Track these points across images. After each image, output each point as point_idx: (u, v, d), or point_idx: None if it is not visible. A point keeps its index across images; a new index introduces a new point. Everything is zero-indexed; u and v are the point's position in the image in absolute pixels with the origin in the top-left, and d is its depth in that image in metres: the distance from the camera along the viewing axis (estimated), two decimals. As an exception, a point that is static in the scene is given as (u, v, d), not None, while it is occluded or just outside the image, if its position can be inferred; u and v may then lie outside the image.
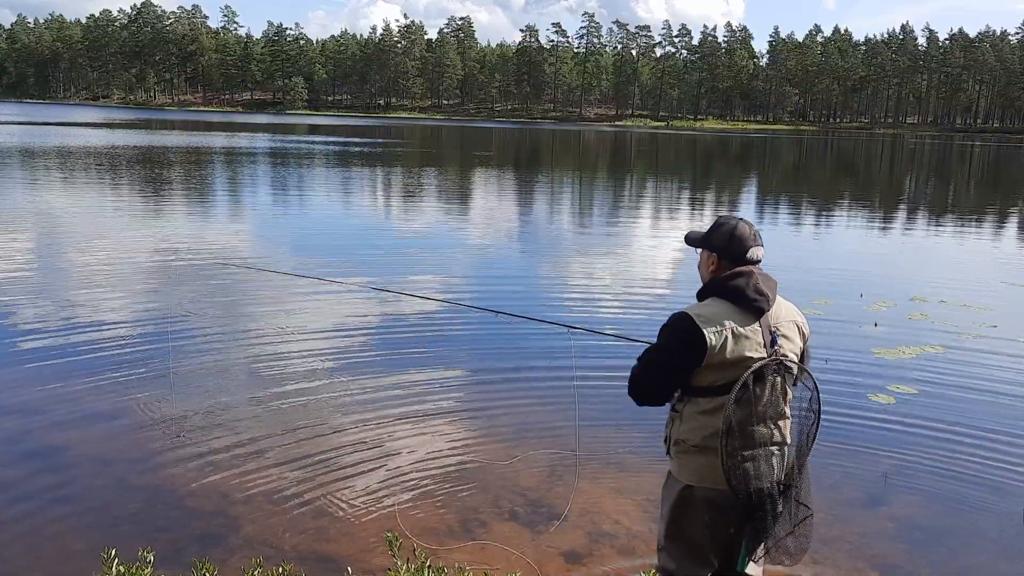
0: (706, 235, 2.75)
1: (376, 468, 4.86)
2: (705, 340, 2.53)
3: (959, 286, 10.89)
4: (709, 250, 2.73)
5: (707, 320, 2.56)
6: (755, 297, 2.59)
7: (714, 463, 2.55)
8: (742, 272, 2.63)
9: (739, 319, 2.58)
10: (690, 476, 2.65)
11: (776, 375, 2.57)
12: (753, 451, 2.57)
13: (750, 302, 2.59)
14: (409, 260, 12.04)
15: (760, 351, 2.57)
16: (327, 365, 6.77)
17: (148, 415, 5.54)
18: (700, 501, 2.64)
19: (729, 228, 2.70)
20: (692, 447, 2.62)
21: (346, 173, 28.07)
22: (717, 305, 2.62)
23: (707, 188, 28.95)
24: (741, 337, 2.56)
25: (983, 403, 6.26)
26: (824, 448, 5.34)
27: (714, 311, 2.60)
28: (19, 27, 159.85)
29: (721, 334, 2.54)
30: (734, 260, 2.67)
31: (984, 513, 4.54)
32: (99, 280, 9.75)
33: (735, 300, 2.60)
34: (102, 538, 3.84)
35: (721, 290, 2.64)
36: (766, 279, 2.67)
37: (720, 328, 2.55)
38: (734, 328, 2.56)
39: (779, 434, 2.63)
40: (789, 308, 2.77)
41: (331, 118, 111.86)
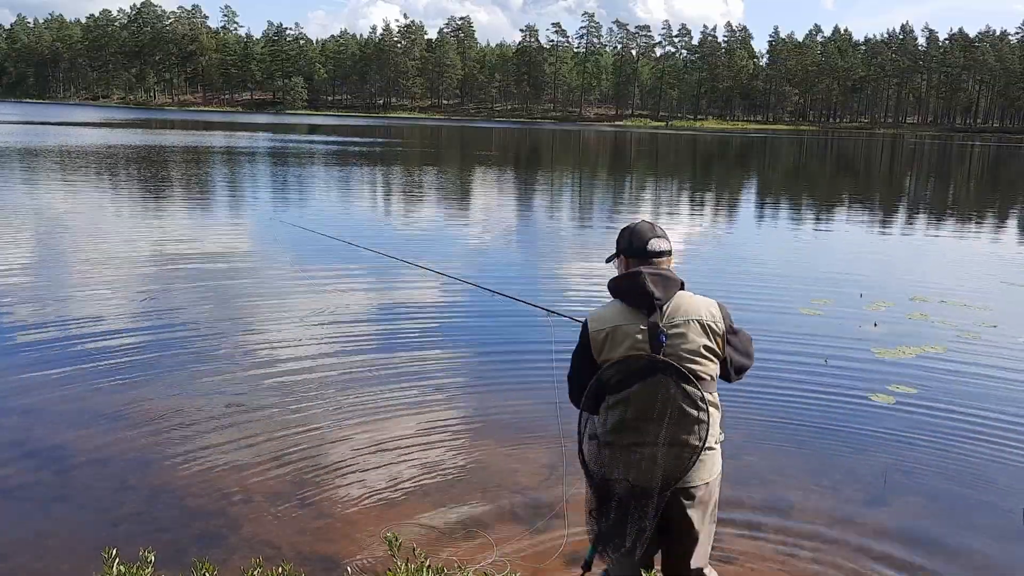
0: (616, 245, 2.91)
1: (376, 467, 4.86)
2: (591, 339, 2.72)
3: (959, 286, 10.89)
4: (618, 255, 2.88)
5: (596, 321, 2.74)
6: (640, 296, 2.69)
7: (602, 455, 2.71)
8: (631, 273, 2.75)
9: (627, 318, 2.70)
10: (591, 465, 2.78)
11: (654, 374, 2.62)
12: (630, 448, 2.65)
13: (636, 301, 2.70)
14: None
15: (641, 348, 2.66)
16: (326, 363, 6.76)
17: (148, 415, 5.53)
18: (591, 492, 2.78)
19: (628, 229, 2.87)
20: (602, 442, 2.75)
21: (346, 171, 28.06)
22: (611, 306, 2.77)
23: (707, 188, 28.95)
24: (621, 335, 2.68)
25: (983, 403, 6.26)
26: (824, 448, 5.36)
27: (605, 312, 2.76)
28: (19, 27, 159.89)
29: (601, 333, 2.70)
30: (637, 255, 2.80)
31: (984, 513, 4.54)
32: (98, 279, 9.75)
33: (623, 300, 2.74)
34: (102, 538, 3.84)
35: (614, 291, 2.79)
36: (661, 278, 2.72)
37: (603, 328, 2.70)
38: (617, 326, 2.69)
39: (656, 432, 2.63)
40: (697, 304, 2.78)
41: (331, 118, 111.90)
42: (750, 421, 5.77)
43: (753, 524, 4.33)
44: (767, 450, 5.29)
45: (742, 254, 13.91)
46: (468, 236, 14.89)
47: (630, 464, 2.66)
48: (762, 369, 6.92)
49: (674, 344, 2.67)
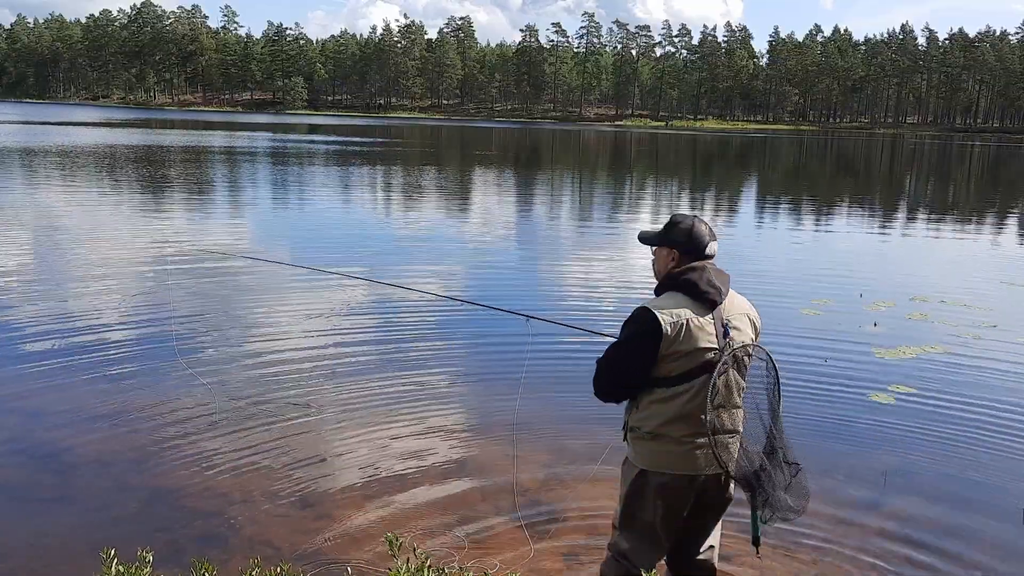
0: (663, 233, 2.90)
1: (376, 468, 4.86)
2: (662, 330, 2.67)
3: (959, 286, 10.89)
4: (669, 247, 2.87)
5: (667, 313, 2.70)
6: (708, 290, 2.73)
7: (666, 449, 2.72)
8: (695, 267, 2.78)
9: (694, 311, 2.72)
10: (644, 461, 2.80)
11: (731, 367, 2.72)
12: (722, 437, 2.72)
13: (703, 295, 2.73)
14: (400, 253, 12.05)
15: (713, 342, 2.72)
16: (324, 363, 6.76)
17: (148, 415, 5.53)
18: (653, 485, 2.78)
19: (687, 225, 2.85)
20: (646, 434, 2.76)
21: (346, 171, 28.06)
22: (674, 298, 2.76)
23: (707, 188, 28.94)
24: (695, 328, 2.70)
25: (983, 403, 6.26)
26: (824, 448, 5.36)
27: (670, 303, 2.74)
28: (19, 27, 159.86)
29: (677, 325, 2.68)
30: (693, 255, 2.82)
31: (984, 513, 4.54)
32: (98, 279, 9.75)
33: (690, 293, 2.74)
34: (102, 538, 3.83)
35: (677, 284, 2.78)
36: (719, 273, 2.81)
37: (676, 319, 2.69)
38: (689, 319, 2.70)
39: (731, 423, 2.77)
40: (742, 302, 2.89)
41: (331, 118, 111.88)
42: (750, 421, 5.77)
43: (753, 524, 4.32)
44: (767, 450, 5.28)
45: (742, 254, 13.91)
46: (458, 241, 14.88)
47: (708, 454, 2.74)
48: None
49: (736, 338, 2.77)
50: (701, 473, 2.77)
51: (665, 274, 2.86)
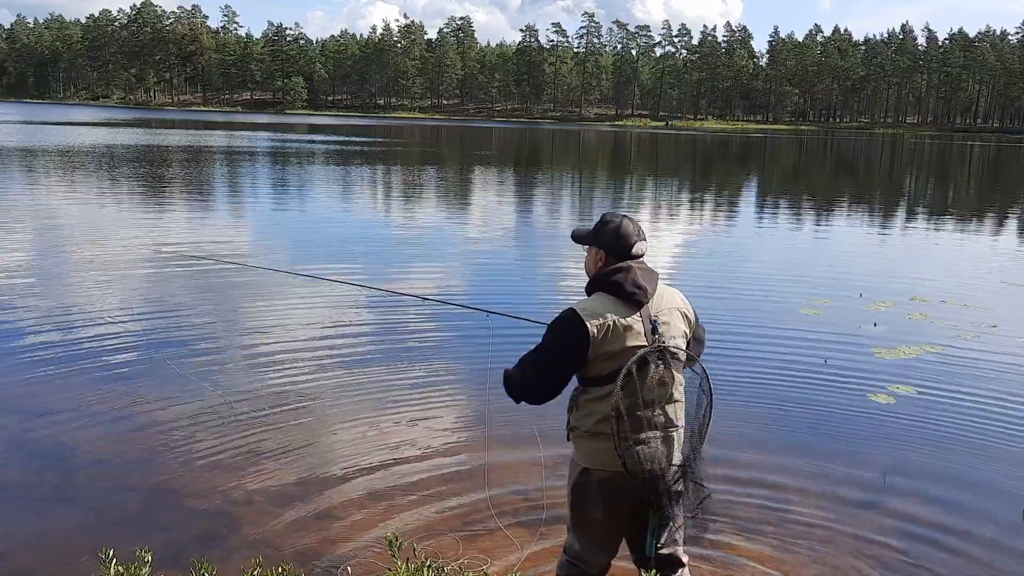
0: (594, 233, 2.93)
1: (376, 467, 4.86)
2: (588, 332, 2.70)
3: (959, 286, 10.89)
4: (597, 247, 2.90)
5: (591, 313, 2.74)
6: (633, 290, 2.77)
7: (605, 447, 2.73)
8: (621, 268, 2.82)
9: (620, 311, 2.76)
10: (585, 459, 2.84)
11: (659, 361, 2.73)
12: (644, 435, 2.73)
13: (629, 295, 2.77)
14: (397, 256, 12.06)
15: (641, 340, 2.75)
16: (324, 363, 6.76)
17: (148, 415, 5.53)
18: (595, 483, 2.82)
19: (615, 226, 2.89)
20: (585, 432, 2.80)
21: (337, 170, 28.07)
22: (600, 299, 2.80)
23: (707, 188, 28.94)
24: (622, 328, 2.73)
25: (983, 403, 6.26)
26: (824, 448, 5.36)
27: (597, 305, 2.78)
28: (18, 27, 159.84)
29: (603, 326, 2.72)
30: (619, 256, 2.86)
31: (984, 513, 4.54)
32: (97, 279, 9.75)
33: (616, 294, 2.78)
34: (102, 538, 3.83)
35: (603, 285, 2.82)
36: (646, 272, 2.85)
37: (602, 321, 2.72)
38: (616, 320, 2.73)
39: (666, 417, 2.80)
40: (672, 295, 2.93)
41: (331, 118, 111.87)
42: (749, 421, 5.77)
43: (752, 524, 4.33)
44: (767, 450, 5.29)
45: (742, 254, 13.92)
46: (458, 237, 14.88)
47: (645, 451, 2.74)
48: (762, 369, 6.94)
49: (665, 334, 2.80)
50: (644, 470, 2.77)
51: (593, 275, 2.90)
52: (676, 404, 2.83)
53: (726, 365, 6.99)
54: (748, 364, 7.02)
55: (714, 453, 5.18)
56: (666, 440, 2.79)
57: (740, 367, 6.93)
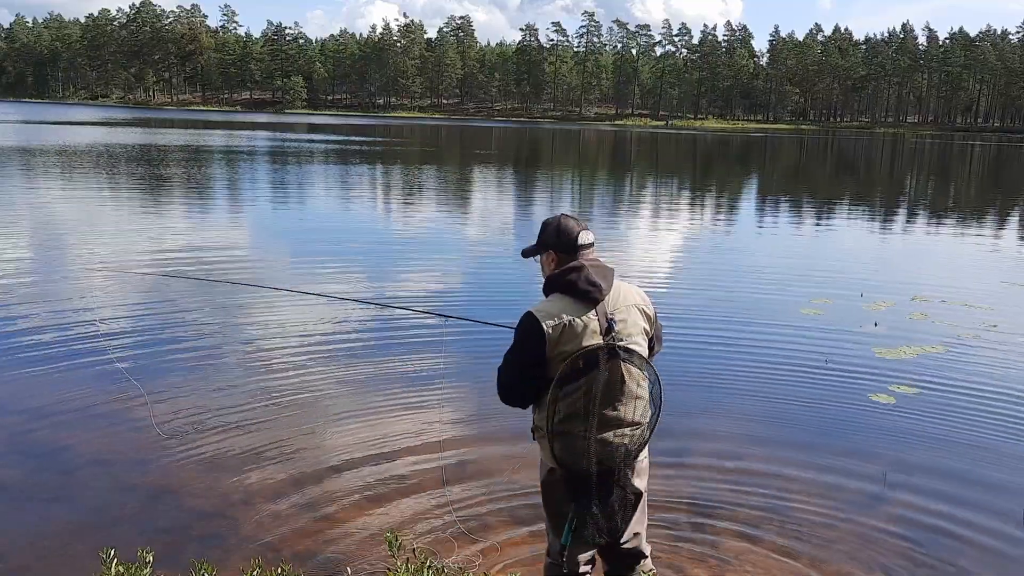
0: (538, 239, 2.97)
1: (377, 468, 4.86)
2: (544, 332, 2.72)
3: (960, 286, 10.88)
4: (544, 250, 2.94)
5: (546, 314, 2.76)
6: (587, 288, 2.78)
7: (568, 444, 2.76)
8: (573, 267, 2.83)
9: (575, 310, 2.77)
10: (550, 459, 2.85)
11: (613, 359, 2.73)
12: (601, 433, 2.75)
13: (584, 293, 2.78)
14: (402, 268, 12.06)
15: (597, 338, 2.75)
16: (323, 364, 6.77)
17: (148, 416, 5.52)
18: (560, 481, 2.86)
19: (554, 224, 2.93)
20: (547, 432, 2.80)
21: (345, 169, 28.07)
22: (556, 300, 2.81)
23: (707, 188, 28.94)
24: (577, 327, 2.74)
25: (983, 403, 6.25)
26: (824, 448, 5.35)
27: (552, 305, 2.79)
28: (18, 27, 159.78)
29: (558, 326, 2.73)
30: (568, 250, 2.88)
31: (983, 513, 4.53)
32: (97, 281, 9.75)
33: (570, 293, 2.79)
34: (102, 538, 3.83)
35: (557, 286, 2.84)
36: (600, 269, 2.85)
37: (558, 321, 2.74)
38: (571, 319, 2.74)
39: (622, 414, 2.79)
40: (629, 292, 2.93)
41: (330, 117, 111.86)
42: (750, 421, 5.77)
43: (753, 525, 4.33)
44: (767, 450, 5.29)
45: (742, 254, 13.91)
46: (458, 241, 14.86)
47: (600, 449, 2.77)
48: (763, 368, 6.94)
49: (621, 331, 2.81)
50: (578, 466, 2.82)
51: (547, 277, 2.91)
52: (637, 401, 2.81)
53: (727, 365, 6.99)
54: (748, 363, 7.02)
55: (715, 452, 5.21)
56: (622, 437, 2.80)
57: (741, 366, 6.93)
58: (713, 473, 4.91)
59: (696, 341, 7.81)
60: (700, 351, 7.45)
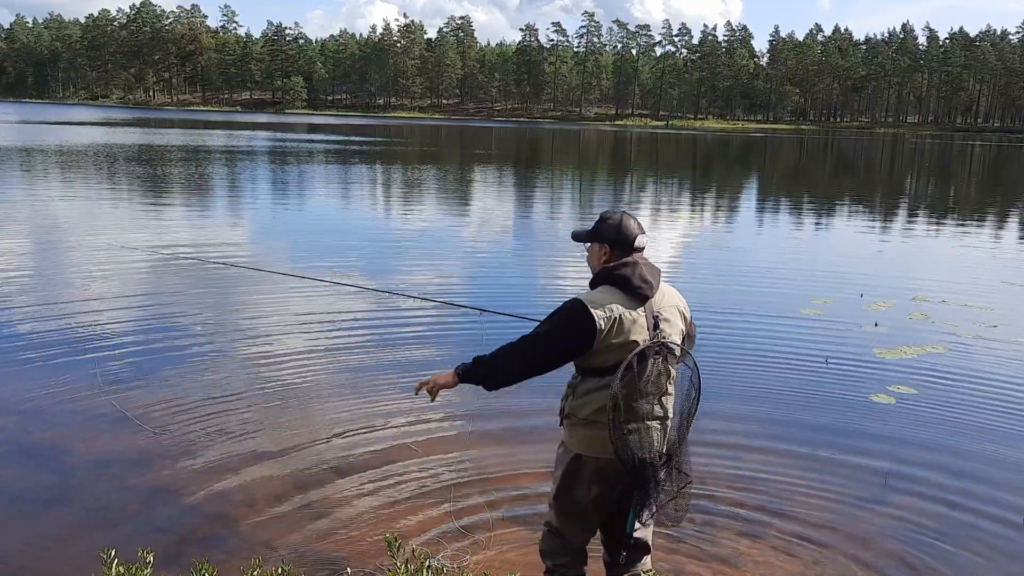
0: (595, 229, 3.01)
1: (377, 468, 4.85)
2: (595, 324, 2.76)
3: (960, 286, 10.88)
4: (600, 242, 2.98)
5: (598, 305, 2.80)
6: (640, 285, 2.85)
7: (600, 435, 2.80)
8: (628, 262, 2.90)
9: (626, 304, 2.83)
10: (579, 446, 2.92)
11: (657, 356, 2.82)
12: (637, 424, 2.82)
13: (636, 289, 2.84)
14: (392, 254, 12.05)
15: (644, 334, 2.83)
16: (324, 363, 6.77)
17: (148, 416, 5.53)
18: (587, 469, 2.92)
19: (616, 220, 2.97)
20: (581, 420, 2.87)
21: (333, 168, 28.07)
22: (607, 292, 2.86)
23: (708, 188, 28.94)
24: (628, 321, 2.81)
25: (983, 403, 6.25)
26: (824, 448, 5.35)
27: (604, 297, 2.84)
28: (18, 27, 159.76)
29: (610, 319, 2.78)
30: (624, 249, 2.94)
31: (984, 513, 4.53)
32: (97, 281, 9.75)
33: (623, 288, 2.85)
34: (102, 538, 3.84)
35: (610, 279, 2.88)
36: (650, 268, 2.93)
37: (610, 314, 2.79)
38: (622, 313, 2.80)
39: (660, 409, 2.89)
40: (672, 294, 3.03)
41: (330, 118, 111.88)
42: (750, 420, 5.77)
43: (753, 524, 4.33)
44: (767, 450, 5.29)
45: (743, 254, 13.91)
46: (438, 240, 14.86)
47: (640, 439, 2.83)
48: (763, 368, 6.94)
49: (666, 330, 2.89)
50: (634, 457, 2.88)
51: (599, 269, 2.96)
52: (669, 397, 2.93)
53: (726, 365, 6.99)
54: (749, 363, 7.02)
55: (715, 452, 5.21)
56: (659, 430, 2.90)
57: (740, 366, 6.93)
58: (713, 473, 4.90)
59: (696, 341, 7.82)
60: (700, 351, 7.41)
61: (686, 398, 2.94)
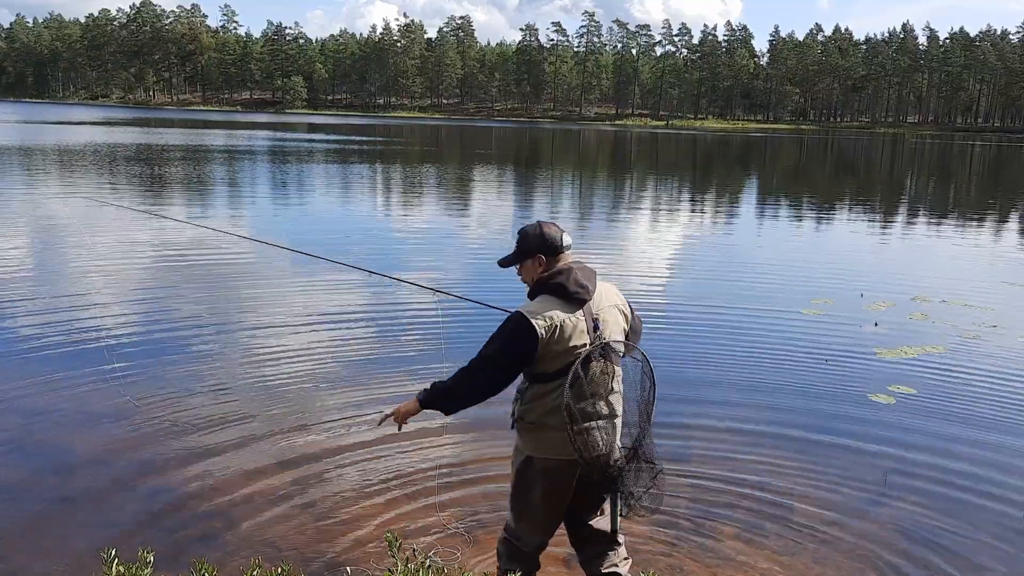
0: (520, 248, 3.07)
1: (376, 468, 4.86)
2: (536, 333, 2.84)
3: (960, 286, 10.88)
4: (530, 257, 3.05)
5: (537, 315, 2.88)
6: (576, 290, 2.93)
7: (548, 436, 2.93)
8: (562, 270, 2.98)
9: (565, 310, 2.91)
10: (529, 448, 3.02)
11: (601, 357, 2.91)
12: (588, 424, 2.90)
13: (572, 295, 2.92)
14: (396, 248, 12.06)
15: (585, 337, 2.91)
16: (325, 363, 6.76)
17: (148, 415, 5.53)
18: (538, 470, 3.01)
19: (536, 231, 3.05)
20: (529, 423, 2.98)
21: (334, 167, 28.07)
22: (545, 301, 2.94)
23: (708, 188, 28.93)
24: (568, 327, 2.89)
25: (983, 403, 6.26)
26: (824, 448, 5.35)
27: (542, 306, 2.92)
28: (18, 27, 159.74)
29: (551, 327, 2.87)
30: (554, 252, 3.01)
31: (984, 513, 4.53)
32: (96, 280, 9.75)
33: (559, 295, 2.93)
34: (102, 538, 3.84)
35: (546, 288, 2.96)
36: (585, 271, 3.00)
37: (549, 322, 2.87)
38: (563, 320, 2.88)
39: (607, 407, 2.97)
40: (610, 292, 3.10)
41: (331, 117, 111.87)
42: (750, 420, 5.77)
43: (753, 524, 4.33)
44: (767, 450, 5.29)
45: (743, 254, 13.92)
46: (456, 234, 14.86)
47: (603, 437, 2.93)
48: (763, 368, 6.94)
49: (606, 331, 2.97)
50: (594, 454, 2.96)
51: (536, 280, 3.03)
52: (616, 394, 3.00)
53: (726, 364, 6.99)
54: (748, 363, 7.02)
55: (714, 452, 5.21)
56: (610, 428, 2.97)
57: (740, 366, 6.93)
58: (713, 473, 4.91)
59: (696, 341, 7.83)
60: (700, 351, 7.45)
61: (641, 389, 3.00)
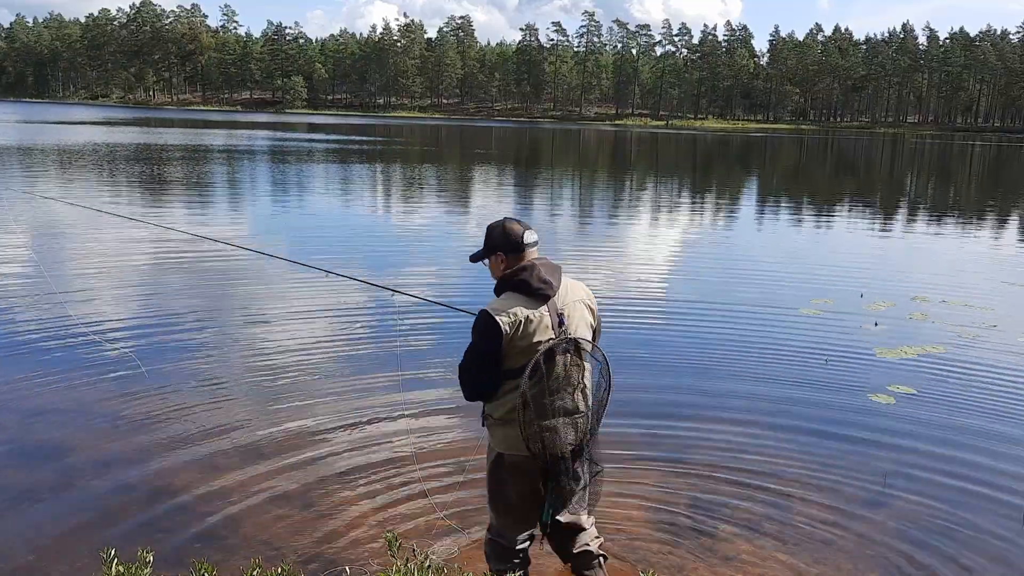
0: (485, 245, 3.13)
1: (376, 467, 4.86)
2: (500, 329, 2.89)
3: (960, 286, 10.89)
4: (493, 253, 3.10)
5: (501, 311, 2.92)
6: (539, 286, 2.97)
7: (516, 432, 2.95)
8: (525, 266, 3.02)
9: (529, 306, 2.95)
10: (500, 445, 3.08)
11: (566, 352, 2.95)
12: (549, 421, 2.94)
13: (536, 291, 2.97)
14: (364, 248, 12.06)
15: (549, 333, 2.95)
16: (326, 363, 6.76)
17: (148, 415, 5.53)
18: (508, 466, 3.07)
19: (499, 228, 3.10)
20: (497, 420, 3.03)
21: (335, 167, 28.06)
22: (510, 298, 2.98)
23: (708, 188, 28.93)
24: (532, 322, 2.93)
25: (983, 403, 6.25)
26: (824, 448, 5.35)
27: (507, 303, 2.96)
28: (18, 26, 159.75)
29: (514, 323, 2.91)
30: (515, 250, 3.05)
31: (984, 513, 4.53)
32: (96, 279, 9.75)
33: (523, 291, 2.97)
34: (102, 538, 3.84)
35: (510, 284, 3.01)
36: (549, 267, 3.05)
37: (513, 318, 2.91)
38: (527, 315, 2.92)
39: (573, 403, 3.01)
40: (576, 288, 3.14)
41: (330, 117, 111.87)
42: (749, 420, 5.77)
43: (753, 524, 4.33)
44: (767, 450, 5.29)
45: (743, 254, 13.91)
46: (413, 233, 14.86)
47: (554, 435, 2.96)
48: (763, 368, 6.94)
49: (571, 326, 3.02)
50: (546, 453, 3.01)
51: (500, 277, 3.07)
52: (584, 389, 3.04)
53: (726, 365, 6.99)
54: (748, 363, 7.02)
55: (714, 452, 5.21)
56: (571, 425, 3.00)
57: (740, 367, 6.93)
58: (713, 473, 4.91)
59: (695, 341, 7.83)
60: (699, 351, 7.45)
61: (597, 389, 3.05)
